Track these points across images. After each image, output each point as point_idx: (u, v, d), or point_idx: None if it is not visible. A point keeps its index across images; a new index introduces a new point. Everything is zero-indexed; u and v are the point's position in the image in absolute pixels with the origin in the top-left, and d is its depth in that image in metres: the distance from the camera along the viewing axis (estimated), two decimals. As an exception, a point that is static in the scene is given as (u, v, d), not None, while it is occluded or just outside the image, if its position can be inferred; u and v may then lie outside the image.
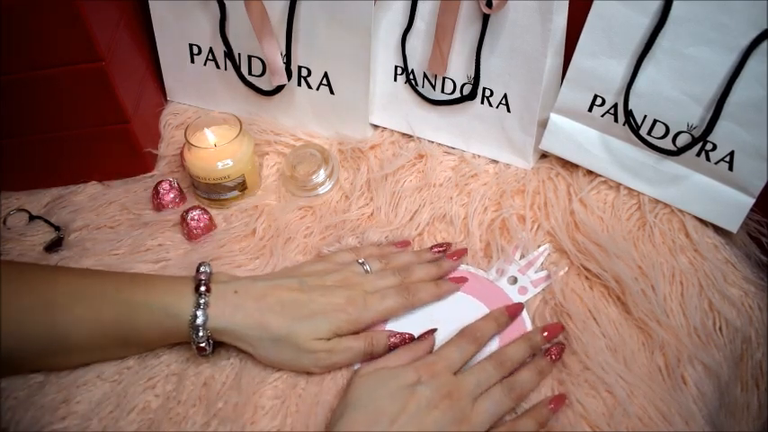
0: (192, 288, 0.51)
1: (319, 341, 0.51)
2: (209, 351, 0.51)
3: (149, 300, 0.50)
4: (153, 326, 0.51)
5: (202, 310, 0.50)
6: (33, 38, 0.57)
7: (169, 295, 0.51)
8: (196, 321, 0.50)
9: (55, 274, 0.53)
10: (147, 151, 0.69)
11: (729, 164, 0.58)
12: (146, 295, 0.51)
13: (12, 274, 0.51)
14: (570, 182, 0.66)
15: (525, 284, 0.58)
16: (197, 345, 0.51)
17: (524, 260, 0.60)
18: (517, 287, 0.58)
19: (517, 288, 0.58)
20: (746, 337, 0.56)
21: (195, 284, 0.51)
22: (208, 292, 0.51)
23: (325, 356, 0.51)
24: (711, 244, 0.60)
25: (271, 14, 0.65)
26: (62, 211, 0.66)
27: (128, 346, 0.53)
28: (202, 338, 0.50)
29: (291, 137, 0.72)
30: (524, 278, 0.59)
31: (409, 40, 0.66)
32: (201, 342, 0.50)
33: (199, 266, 0.53)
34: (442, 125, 0.70)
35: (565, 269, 0.59)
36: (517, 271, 0.59)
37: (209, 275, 0.52)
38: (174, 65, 0.74)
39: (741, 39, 0.53)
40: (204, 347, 0.51)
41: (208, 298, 0.50)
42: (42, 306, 0.49)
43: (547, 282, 0.58)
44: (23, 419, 0.50)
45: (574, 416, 0.49)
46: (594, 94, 0.62)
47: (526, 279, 0.59)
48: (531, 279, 0.59)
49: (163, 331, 0.51)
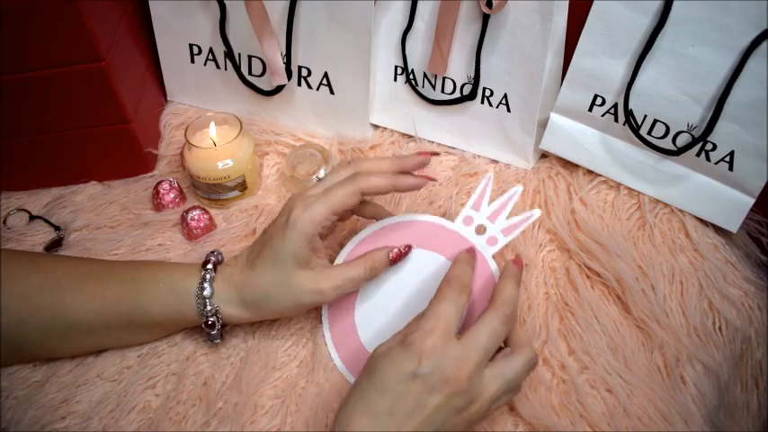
0: (197, 267, 0.52)
1: (311, 274, 0.49)
2: (217, 329, 0.51)
3: (156, 276, 0.51)
4: (159, 303, 0.51)
5: (209, 282, 0.50)
6: (33, 38, 0.57)
7: (176, 273, 0.52)
8: (203, 293, 0.50)
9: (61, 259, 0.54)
10: (147, 151, 0.69)
11: (729, 164, 0.58)
12: (152, 273, 0.51)
13: (18, 257, 0.52)
14: (570, 182, 0.66)
15: (495, 234, 0.53)
16: (206, 320, 0.51)
17: (494, 204, 0.53)
18: (486, 237, 0.53)
19: (486, 238, 0.53)
20: (746, 337, 0.56)
21: (203, 263, 0.52)
22: (214, 270, 0.51)
23: (329, 291, 0.50)
24: (711, 244, 0.60)
25: (271, 14, 0.65)
26: (62, 211, 0.66)
27: (133, 329, 0.52)
28: (210, 312, 0.50)
29: (291, 137, 0.72)
30: (494, 226, 0.53)
31: (409, 40, 0.66)
32: (210, 317, 0.50)
33: (212, 252, 0.53)
34: (442, 125, 0.70)
35: (537, 213, 0.53)
36: (485, 218, 0.53)
37: (219, 261, 0.53)
38: (174, 65, 0.74)
39: (741, 39, 0.53)
40: (213, 323, 0.51)
41: (214, 274, 0.51)
42: (49, 286, 0.50)
43: (519, 228, 0.53)
44: (23, 419, 0.50)
45: (574, 415, 0.49)
46: (595, 94, 0.62)
47: (496, 227, 0.53)
48: (501, 227, 0.53)
49: (169, 309, 0.51)
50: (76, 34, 0.57)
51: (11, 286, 0.49)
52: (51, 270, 0.51)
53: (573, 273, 0.59)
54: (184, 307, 0.51)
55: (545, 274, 0.59)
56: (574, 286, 0.58)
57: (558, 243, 0.61)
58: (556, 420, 0.49)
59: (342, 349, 0.54)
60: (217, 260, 0.53)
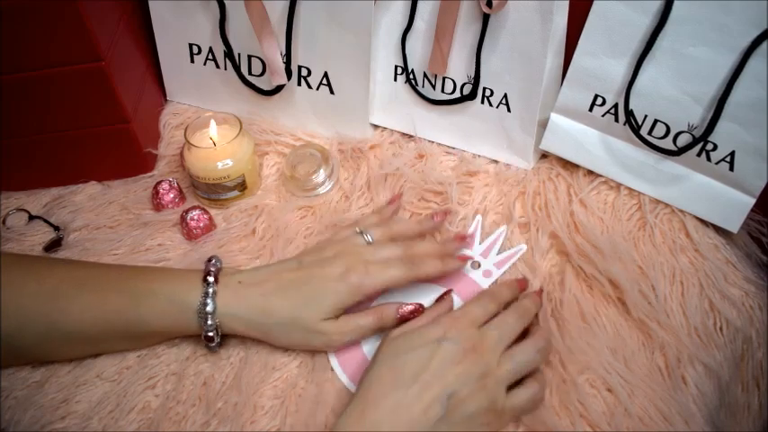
0: (199, 278, 0.51)
1: (327, 321, 0.51)
2: (216, 341, 0.51)
3: (155, 288, 0.51)
4: (158, 314, 0.50)
5: (211, 298, 0.50)
6: (33, 38, 0.57)
7: (175, 284, 0.51)
8: (206, 309, 0.50)
9: (59, 265, 0.53)
10: (147, 151, 0.69)
11: (730, 164, 0.58)
12: (151, 284, 0.51)
13: (16, 262, 0.51)
14: (570, 182, 0.65)
15: (489, 267, 0.60)
16: (205, 334, 0.50)
17: (483, 245, 0.61)
18: (481, 271, 0.59)
19: (482, 272, 0.59)
20: (747, 338, 0.56)
21: (204, 274, 0.51)
22: (216, 282, 0.51)
23: (337, 338, 0.51)
24: (712, 244, 0.60)
25: (271, 14, 0.65)
26: (62, 211, 0.66)
27: (131, 338, 0.52)
28: (211, 327, 0.50)
29: (291, 137, 0.72)
30: (487, 261, 0.60)
31: (409, 40, 0.66)
32: (210, 331, 0.50)
33: (210, 259, 0.53)
34: (442, 125, 0.70)
35: (523, 249, 0.61)
36: (479, 255, 0.61)
37: (219, 269, 0.52)
38: (174, 65, 0.74)
39: (741, 39, 0.53)
40: (212, 337, 0.51)
41: (216, 287, 0.51)
42: (46, 293, 0.50)
43: (510, 262, 0.60)
44: (23, 419, 0.50)
45: (574, 415, 0.49)
46: (595, 94, 0.62)
47: (489, 262, 0.60)
48: (493, 261, 0.60)
49: (168, 320, 0.51)
50: (76, 34, 0.57)
51: (8, 293, 0.49)
52: (48, 276, 0.51)
53: (573, 273, 0.59)
54: (184, 319, 0.51)
55: (545, 274, 0.59)
56: (574, 286, 0.58)
57: (558, 245, 0.61)
58: (556, 420, 0.49)
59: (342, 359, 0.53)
60: (217, 270, 0.52)
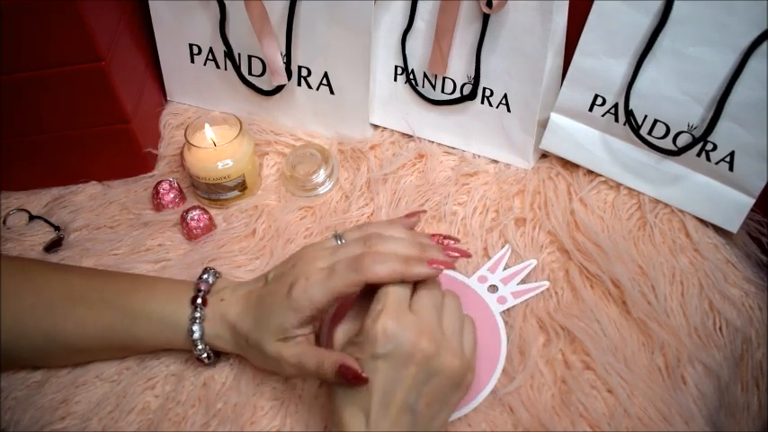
0: (189, 298, 0.50)
1: (279, 344, 0.47)
2: (211, 361, 0.52)
3: (147, 308, 0.50)
4: (151, 335, 0.51)
5: (198, 324, 0.49)
6: (33, 38, 0.57)
7: (167, 305, 0.50)
8: (193, 336, 0.49)
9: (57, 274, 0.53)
10: (147, 151, 0.69)
11: (730, 164, 0.58)
12: (144, 303, 0.50)
13: (14, 271, 0.51)
14: (570, 182, 0.65)
15: (505, 294, 0.57)
16: (197, 357, 0.51)
17: (508, 271, 0.59)
18: (496, 296, 0.57)
19: (496, 297, 0.57)
20: (747, 338, 0.56)
21: (193, 295, 0.50)
22: (204, 305, 0.50)
23: (289, 370, 0.47)
24: (712, 244, 0.60)
25: (271, 14, 0.65)
26: (62, 211, 0.66)
27: (127, 350, 0.53)
28: (202, 351, 0.50)
29: (291, 137, 0.72)
30: (505, 288, 0.57)
31: (409, 40, 0.66)
32: (202, 354, 0.50)
33: (202, 273, 0.52)
34: (442, 125, 0.70)
35: (545, 285, 0.58)
36: (499, 280, 0.58)
37: (210, 286, 0.51)
38: (174, 65, 0.74)
39: (742, 39, 0.53)
40: (204, 360, 0.51)
41: (203, 311, 0.50)
42: (42, 306, 0.49)
43: (528, 295, 0.57)
44: (23, 419, 0.50)
45: (574, 415, 0.49)
46: (595, 94, 0.62)
47: (507, 290, 0.57)
48: (511, 290, 0.57)
49: (161, 340, 0.51)
50: (76, 34, 0.57)
51: (7, 306, 0.49)
52: (44, 288, 0.50)
53: (573, 273, 0.59)
54: (178, 339, 0.50)
55: (545, 274, 0.59)
56: (574, 286, 0.58)
57: (557, 244, 0.61)
58: (556, 420, 0.49)
59: None
60: (207, 289, 0.51)
